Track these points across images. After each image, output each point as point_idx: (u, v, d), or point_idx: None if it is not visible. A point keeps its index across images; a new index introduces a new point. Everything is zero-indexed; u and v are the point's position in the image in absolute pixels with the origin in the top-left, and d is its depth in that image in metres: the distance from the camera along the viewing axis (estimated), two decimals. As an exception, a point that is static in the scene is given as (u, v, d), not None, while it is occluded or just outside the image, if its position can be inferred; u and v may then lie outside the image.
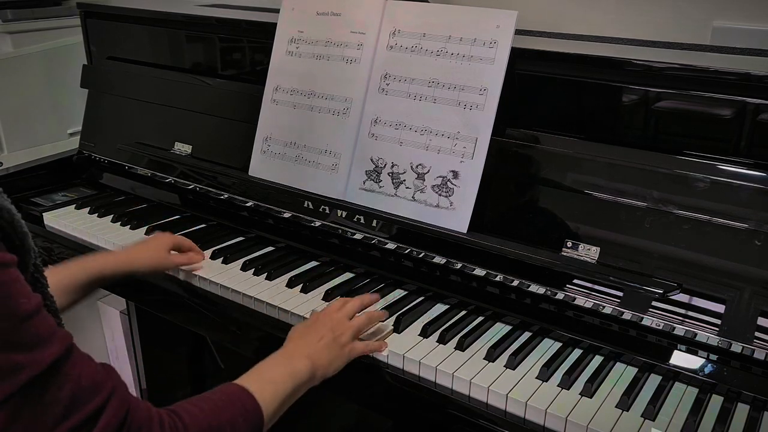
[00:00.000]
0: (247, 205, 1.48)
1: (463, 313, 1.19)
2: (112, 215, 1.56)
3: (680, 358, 1.04)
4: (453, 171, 1.22)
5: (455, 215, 1.22)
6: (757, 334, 0.98)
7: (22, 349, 0.64)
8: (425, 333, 1.12)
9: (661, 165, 1.07)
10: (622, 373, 1.04)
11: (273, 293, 1.24)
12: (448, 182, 1.22)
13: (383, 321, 1.14)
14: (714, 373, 1.01)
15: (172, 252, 1.32)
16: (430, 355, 1.07)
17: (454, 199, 1.22)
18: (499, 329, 1.15)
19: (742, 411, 0.97)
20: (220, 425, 0.80)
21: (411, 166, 1.26)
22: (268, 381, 0.91)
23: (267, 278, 1.29)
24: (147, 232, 1.48)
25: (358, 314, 1.10)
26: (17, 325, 0.64)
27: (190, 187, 1.57)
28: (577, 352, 1.09)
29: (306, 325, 1.06)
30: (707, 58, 1.25)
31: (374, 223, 1.30)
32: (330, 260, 1.37)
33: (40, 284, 0.76)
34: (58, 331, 0.69)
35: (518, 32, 1.20)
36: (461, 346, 1.09)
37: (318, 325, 1.04)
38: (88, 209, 1.60)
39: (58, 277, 1.11)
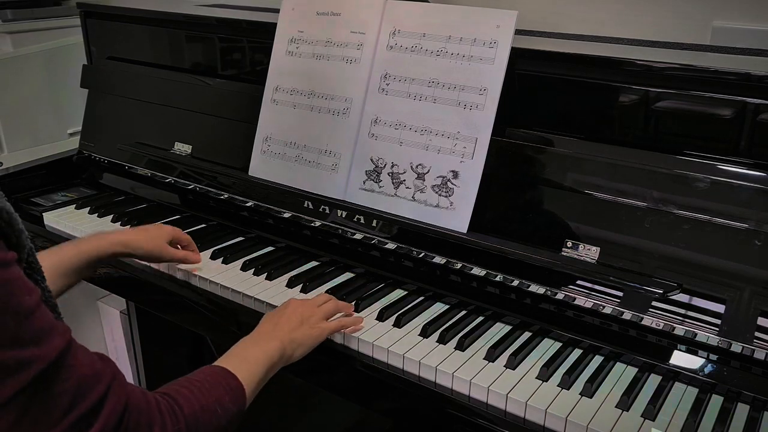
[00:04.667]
0: (247, 205, 1.48)
1: (463, 313, 1.19)
2: (112, 215, 1.56)
3: (680, 358, 1.04)
4: (453, 171, 1.22)
5: (455, 215, 1.22)
6: (757, 334, 0.98)
7: (29, 345, 0.65)
8: (425, 333, 1.12)
9: (661, 165, 1.07)
10: (622, 373, 1.04)
11: (273, 293, 1.24)
12: (448, 182, 1.22)
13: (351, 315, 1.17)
14: (714, 373, 1.01)
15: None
16: (430, 355, 1.07)
17: (454, 199, 1.22)
18: (499, 329, 1.15)
19: (742, 411, 0.97)
20: (209, 404, 0.84)
21: (411, 166, 1.26)
22: (245, 361, 0.96)
23: (267, 278, 1.29)
24: (147, 232, 1.48)
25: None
26: (21, 322, 0.65)
27: (190, 187, 1.57)
28: (577, 352, 1.09)
29: (275, 312, 1.10)
30: (707, 58, 1.25)
31: (374, 223, 1.30)
32: (330, 260, 1.37)
33: (33, 280, 0.77)
34: (58, 324, 0.70)
35: (518, 32, 1.20)
36: (461, 346, 1.09)
37: (287, 311, 1.08)
38: (88, 209, 1.60)
39: (52, 260, 1.11)
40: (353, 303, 1.20)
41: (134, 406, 0.74)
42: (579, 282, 1.11)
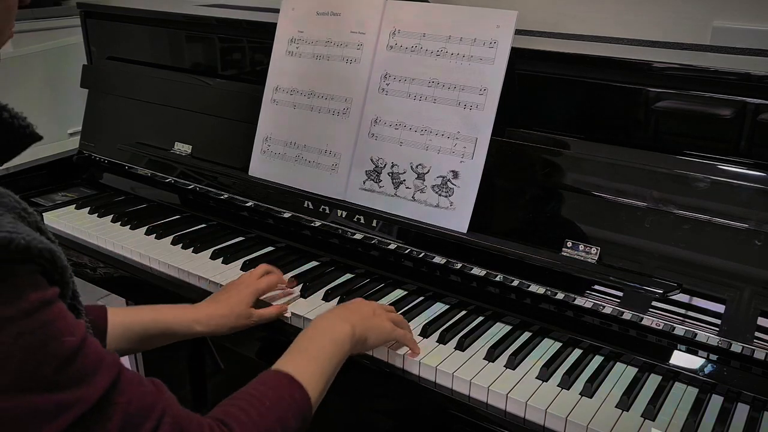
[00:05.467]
0: (247, 205, 1.48)
1: (463, 313, 1.19)
2: (112, 215, 1.56)
3: (680, 358, 1.04)
4: (453, 171, 1.22)
5: (455, 215, 1.22)
6: (757, 334, 0.98)
7: (68, 388, 0.61)
8: (425, 333, 1.12)
9: (661, 165, 1.07)
10: (622, 373, 1.04)
11: (273, 293, 1.24)
12: (448, 182, 1.22)
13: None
14: (714, 373, 1.01)
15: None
16: (430, 355, 1.07)
17: (454, 199, 1.22)
18: (499, 329, 1.15)
19: (742, 411, 0.97)
20: (271, 427, 0.77)
21: (411, 166, 1.26)
22: (312, 359, 0.87)
23: (267, 278, 1.29)
24: (147, 232, 1.48)
25: None
26: (62, 366, 0.61)
27: (190, 187, 1.57)
28: (577, 352, 1.09)
29: (342, 304, 1.07)
30: (707, 58, 1.25)
31: (374, 223, 1.30)
32: (330, 260, 1.37)
33: (77, 311, 0.74)
34: (106, 357, 0.66)
35: (518, 32, 1.20)
36: (461, 346, 1.09)
37: (355, 302, 1.06)
38: (88, 209, 1.60)
39: (124, 319, 1.04)
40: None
41: None
42: (579, 282, 1.11)
